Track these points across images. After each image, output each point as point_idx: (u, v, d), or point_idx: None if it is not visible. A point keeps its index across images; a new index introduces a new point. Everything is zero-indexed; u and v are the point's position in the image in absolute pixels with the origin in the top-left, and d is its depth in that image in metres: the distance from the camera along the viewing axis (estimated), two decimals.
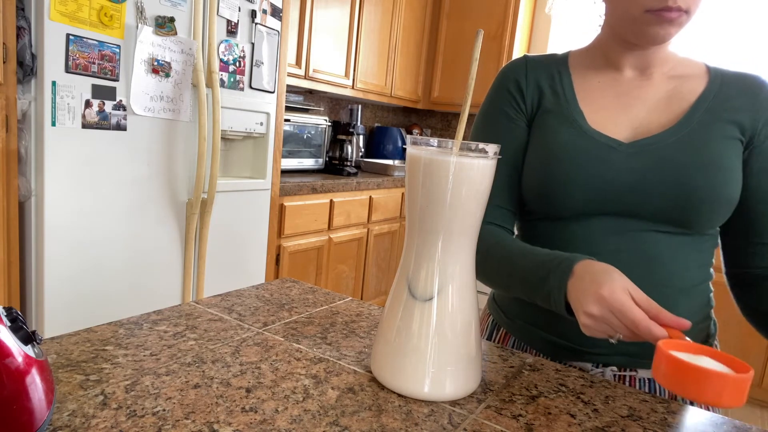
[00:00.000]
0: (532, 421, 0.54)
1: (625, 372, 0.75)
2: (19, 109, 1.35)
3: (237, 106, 1.87)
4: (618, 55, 0.78)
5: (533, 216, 0.82)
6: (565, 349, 0.77)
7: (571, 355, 0.77)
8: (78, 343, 0.62)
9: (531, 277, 0.70)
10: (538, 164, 0.78)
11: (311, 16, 2.57)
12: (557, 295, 0.65)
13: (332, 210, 2.54)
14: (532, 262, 0.71)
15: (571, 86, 0.79)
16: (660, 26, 0.69)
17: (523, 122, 0.81)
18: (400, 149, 3.70)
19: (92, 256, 1.53)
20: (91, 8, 1.41)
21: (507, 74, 0.83)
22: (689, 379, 0.48)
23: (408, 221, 0.58)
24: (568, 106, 0.78)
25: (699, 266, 0.76)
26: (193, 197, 1.76)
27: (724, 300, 0.95)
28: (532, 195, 0.79)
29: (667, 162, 0.71)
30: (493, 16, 3.37)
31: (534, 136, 0.80)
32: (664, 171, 0.71)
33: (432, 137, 0.56)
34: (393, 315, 0.58)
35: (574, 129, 0.76)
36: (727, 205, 0.72)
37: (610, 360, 0.75)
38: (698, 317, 0.76)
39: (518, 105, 0.81)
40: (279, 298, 0.84)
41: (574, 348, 0.77)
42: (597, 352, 0.75)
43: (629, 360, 0.75)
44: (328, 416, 0.51)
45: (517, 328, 0.83)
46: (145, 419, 0.47)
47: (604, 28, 0.79)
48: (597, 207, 0.74)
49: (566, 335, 0.77)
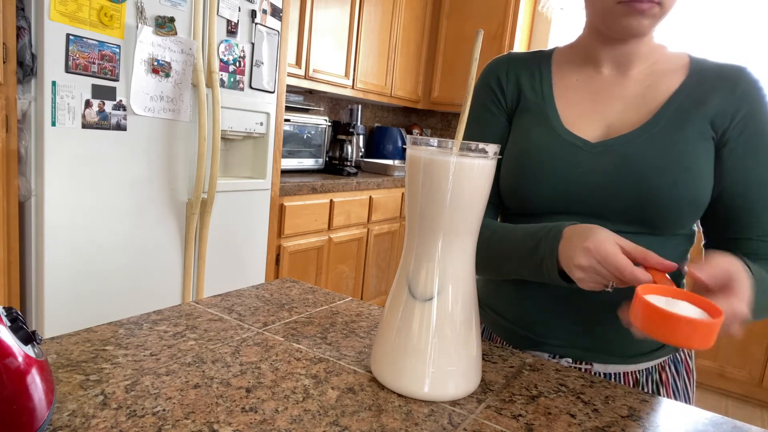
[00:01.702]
0: (532, 421, 0.54)
1: (581, 365, 0.76)
2: (19, 109, 1.35)
3: (237, 106, 1.87)
4: (597, 51, 0.77)
5: (509, 211, 0.84)
6: (526, 338, 0.79)
7: (531, 345, 0.79)
8: (78, 343, 0.62)
9: (521, 248, 0.71)
10: (511, 162, 0.79)
11: (311, 16, 2.57)
12: (549, 261, 0.66)
13: (332, 210, 2.54)
14: (522, 234, 0.72)
15: (549, 85, 0.80)
16: (632, 17, 0.68)
17: (503, 118, 0.83)
18: (400, 149, 3.70)
19: (92, 256, 1.53)
20: (91, 8, 1.41)
21: (489, 71, 0.85)
22: (661, 324, 0.51)
23: (408, 221, 0.58)
24: (545, 104, 0.79)
25: None
26: (193, 197, 1.76)
27: None
28: (505, 191, 0.80)
29: (631, 162, 0.71)
30: (493, 16, 3.37)
31: (511, 134, 0.82)
32: (627, 172, 0.71)
33: (432, 137, 0.56)
34: (393, 315, 0.58)
35: (546, 129, 0.77)
36: (691, 207, 0.71)
37: (566, 352, 0.76)
38: None
39: (499, 102, 0.83)
40: (279, 298, 0.84)
41: (534, 338, 0.78)
42: (554, 343, 0.77)
43: (585, 353, 0.76)
44: (328, 416, 0.51)
45: (486, 315, 0.86)
46: (145, 419, 0.47)
47: (585, 24, 0.80)
48: (565, 206, 0.75)
49: (527, 325, 0.79)
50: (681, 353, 0.80)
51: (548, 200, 0.75)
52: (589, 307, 0.74)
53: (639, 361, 0.76)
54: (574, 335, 0.75)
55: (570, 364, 0.76)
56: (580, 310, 0.75)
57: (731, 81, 0.72)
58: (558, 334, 0.76)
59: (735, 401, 2.64)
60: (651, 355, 0.77)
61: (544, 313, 0.77)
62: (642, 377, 0.76)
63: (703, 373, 2.72)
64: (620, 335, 0.73)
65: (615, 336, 0.74)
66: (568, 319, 0.75)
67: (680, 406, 0.61)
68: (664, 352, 0.78)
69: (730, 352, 2.63)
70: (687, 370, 0.80)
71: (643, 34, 0.72)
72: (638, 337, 0.55)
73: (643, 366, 0.77)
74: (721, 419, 0.58)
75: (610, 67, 0.78)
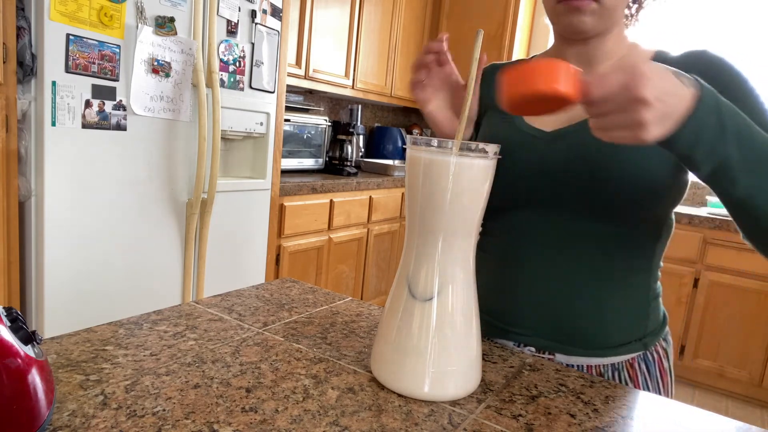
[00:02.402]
0: (532, 421, 0.54)
1: (544, 354, 0.77)
2: (19, 109, 1.35)
3: (237, 106, 1.87)
4: (563, 52, 0.79)
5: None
6: (493, 326, 0.80)
7: (497, 333, 0.80)
8: (78, 343, 0.62)
9: None
10: None
11: (311, 16, 2.57)
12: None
13: (332, 210, 2.54)
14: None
15: None
16: (573, 15, 0.70)
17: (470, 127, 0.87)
18: (400, 149, 3.70)
19: (92, 255, 1.53)
20: (91, 8, 1.41)
21: None
22: (516, 82, 0.51)
23: (408, 221, 0.58)
24: None
25: (632, 259, 0.75)
26: (193, 197, 1.76)
27: (723, 301, 0.95)
28: None
29: (584, 148, 0.71)
30: (493, 16, 3.37)
31: (478, 135, 0.87)
32: (580, 157, 0.71)
33: (432, 137, 0.56)
34: (393, 315, 0.58)
35: (507, 124, 0.80)
36: (645, 187, 0.69)
37: (530, 341, 0.77)
38: (632, 312, 0.76)
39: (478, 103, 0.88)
40: (279, 298, 0.84)
41: (501, 327, 0.80)
42: (519, 332, 0.78)
43: (548, 343, 0.77)
44: (328, 416, 0.51)
45: None
46: (145, 419, 0.47)
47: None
48: (525, 195, 0.76)
49: (493, 314, 0.80)
50: (654, 353, 0.78)
51: (508, 189, 0.76)
52: (554, 297, 0.75)
53: (604, 355, 0.75)
54: (538, 324, 0.77)
55: (533, 353, 0.77)
56: (545, 299, 0.76)
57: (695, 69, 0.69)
58: (523, 323, 0.77)
59: (735, 401, 2.64)
60: (618, 350, 0.75)
61: (511, 302, 0.78)
62: (607, 372, 0.76)
63: (703, 373, 2.72)
64: (584, 327, 0.75)
65: (579, 327, 0.75)
66: (533, 308, 0.77)
67: (681, 406, 0.61)
68: (633, 347, 0.76)
69: (730, 352, 2.63)
70: (661, 371, 0.79)
71: (587, 31, 0.72)
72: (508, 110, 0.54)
73: (609, 361, 0.76)
74: (721, 419, 0.58)
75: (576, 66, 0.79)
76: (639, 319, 0.77)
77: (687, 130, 0.52)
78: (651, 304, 0.78)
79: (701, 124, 0.52)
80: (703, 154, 0.53)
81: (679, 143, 0.53)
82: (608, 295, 0.75)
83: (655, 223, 0.75)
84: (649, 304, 0.77)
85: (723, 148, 0.53)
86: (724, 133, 0.53)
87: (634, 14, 0.81)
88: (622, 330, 0.76)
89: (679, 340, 2.73)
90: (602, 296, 0.74)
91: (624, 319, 0.76)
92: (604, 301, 0.74)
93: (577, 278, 0.74)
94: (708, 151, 0.53)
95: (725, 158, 0.54)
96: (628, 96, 0.48)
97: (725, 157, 0.54)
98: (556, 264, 0.75)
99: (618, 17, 0.73)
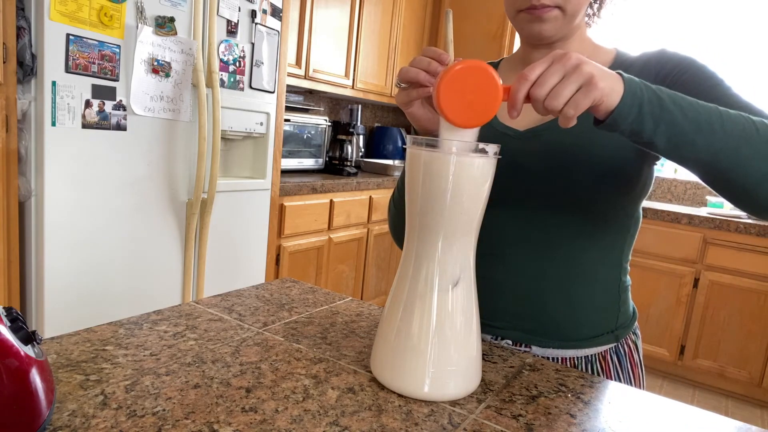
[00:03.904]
0: (532, 421, 0.54)
1: (521, 347, 0.78)
2: (19, 109, 1.35)
3: (237, 106, 1.87)
4: (529, 55, 0.81)
5: None
6: None
7: None
8: (78, 343, 0.62)
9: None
10: None
11: (311, 16, 2.57)
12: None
13: (332, 210, 2.54)
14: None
15: None
16: (534, 24, 0.72)
17: None
18: (400, 149, 3.70)
19: (92, 255, 1.53)
20: (91, 8, 1.41)
21: None
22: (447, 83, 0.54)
23: (408, 221, 0.58)
24: None
25: (604, 253, 0.77)
26: (193, 197, 1.76)
27: (723, 301, 0.96)
28: None
29: (554, 145, 0.73)
30: (493, 16, 3.37)
31: None
32: (551, 155, 0.73)
33: (432, 137, 0.56)
34: (393, 315, 0.58)
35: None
36: (615, 187, 0.73)
37: (507, 333, 0.79)
38: (604, 304, 0.78)
39: None
40: (279, 298, 0.84)
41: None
42: (496, 325, 0.79)
43: (524, 335, 0.78)
44: (328, 416, 0.51)
45: None
46: (145, 419, 0.47)
47: None
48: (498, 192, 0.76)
49: None
50: (625, 346, 0.81)
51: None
52: (529, 291, 0.77)
53: (579, 347, 0.77)
54: (514, 318, 0.78)
55: (510, 346, 0.78)
56: (520, 293, 0.77)
57: (655, 66, 0.73)
58: (499, 317, 0.78)
59: (735, 401, 2.64)
60: (591, 342, 0.78)
61: (487, 297, 0.79)
62: (581, 364, 0.78)
63: (703, 373, 2.72)
64: (558, 319, 0.76)
65: (553, 320, 0.77)
66: (509, 302, 0.78)
67: (681, 406, 0.61)
68: (605, 339, 0.78)
69: (731, 352, 2.63)
70: (632, 363, 0.81)
71: (550, 37, 0.74)
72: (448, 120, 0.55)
73: (583, 353, 0.78)
74: (721, 419, 0.58)
75: None
76: (611, 312, 0.79)
77: (627, 102, 0.55)
78: (621, 297, 0.80)
79: (637, 97, 0.55)
80: (650, 123, 0.56)
81: (626, 118, 0.56)
82: (581, 288, 0.77)
83: (624, 217, 0.78)
84: (619, 296, 0.80)
85: (667, 114, 0.56)
86: (662, 102, 0.56)
87: (596, 12, 0.82)
88: (594, 322, 0.78)
89: (679, 340, 2.73)
90: (575, 290, 0.76)
91: (596, 311, 0.78)
92: (577, 295, 0.76)
93: (550, 272, 0.76)
94: (655, 121, 0.56)
95: (671, 123, 0.56)
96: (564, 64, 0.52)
97: (671, 123, 0.56)
98: (530, 259, 0.77)
99: (580, 20, 0.75)
